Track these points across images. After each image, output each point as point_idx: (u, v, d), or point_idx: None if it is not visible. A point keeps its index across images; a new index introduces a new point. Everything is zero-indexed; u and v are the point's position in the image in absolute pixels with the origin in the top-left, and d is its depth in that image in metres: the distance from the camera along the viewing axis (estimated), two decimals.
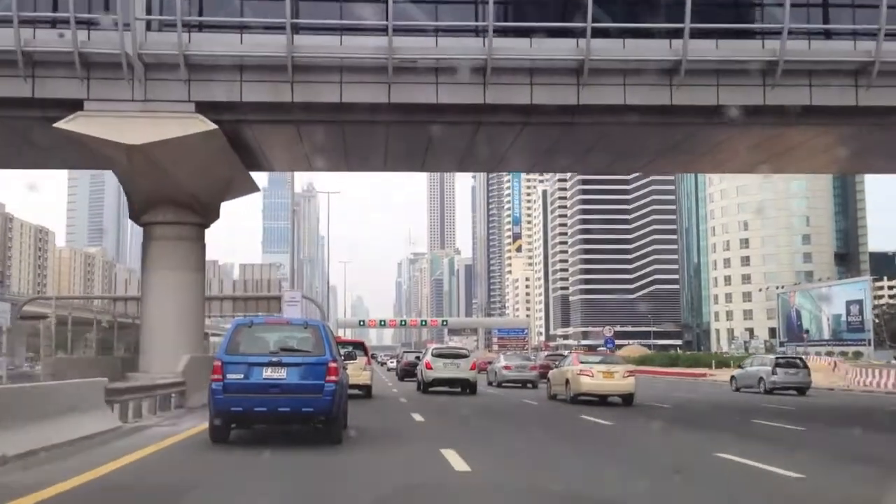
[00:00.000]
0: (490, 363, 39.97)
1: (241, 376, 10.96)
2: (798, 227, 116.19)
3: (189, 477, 9.04)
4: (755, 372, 34.72)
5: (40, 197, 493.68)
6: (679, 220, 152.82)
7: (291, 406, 10.98)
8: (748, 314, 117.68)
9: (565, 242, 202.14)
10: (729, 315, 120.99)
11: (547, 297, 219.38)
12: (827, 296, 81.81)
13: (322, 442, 11.37)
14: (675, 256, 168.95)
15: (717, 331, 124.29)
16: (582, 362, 23.72)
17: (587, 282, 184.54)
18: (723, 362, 60.47)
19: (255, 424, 12.33)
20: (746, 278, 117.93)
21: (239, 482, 8.69)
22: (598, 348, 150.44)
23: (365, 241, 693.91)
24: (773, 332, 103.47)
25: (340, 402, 11.50)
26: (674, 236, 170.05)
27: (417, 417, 17.67)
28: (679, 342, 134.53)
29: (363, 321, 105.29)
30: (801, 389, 32.62)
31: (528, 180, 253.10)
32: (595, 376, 22.71)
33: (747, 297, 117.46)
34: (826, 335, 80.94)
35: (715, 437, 14.70)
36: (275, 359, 11.13)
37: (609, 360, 24.62)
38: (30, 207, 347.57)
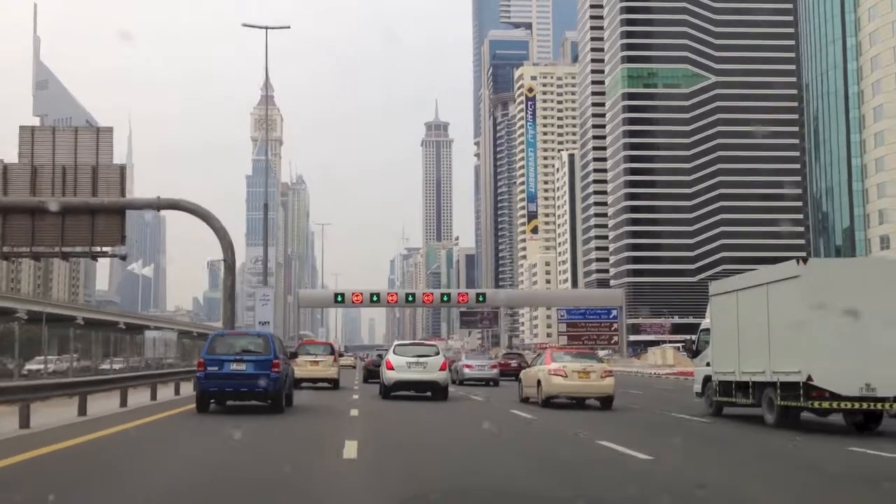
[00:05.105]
0: (453, 361, 38.10)
1: (217, 368, 17.39)
2: None
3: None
4: None
5: None
6: (814, 161, 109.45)
7: (249, 387, 17.35)
8: None
9: (604, 214, 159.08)
10: None
11: (575, 284, 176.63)
12: None
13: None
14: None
15: None
16: (555, 360, 21.57)
17: (635, 260, 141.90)
18: None
19: (226, 400, 18.34)
20: None
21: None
22: (663, 344, 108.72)
23: (355, 239, 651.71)
24: None
25: (282, 385, 17.84)
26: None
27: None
28: None
29: (341, 295, 62.06)
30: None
31: (545, 150, 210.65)
32: (569, 376, 20.92)
33: None
34: None
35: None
36: (238, 357, 17.66)
37: (585, 359, 22.46)
38: None
